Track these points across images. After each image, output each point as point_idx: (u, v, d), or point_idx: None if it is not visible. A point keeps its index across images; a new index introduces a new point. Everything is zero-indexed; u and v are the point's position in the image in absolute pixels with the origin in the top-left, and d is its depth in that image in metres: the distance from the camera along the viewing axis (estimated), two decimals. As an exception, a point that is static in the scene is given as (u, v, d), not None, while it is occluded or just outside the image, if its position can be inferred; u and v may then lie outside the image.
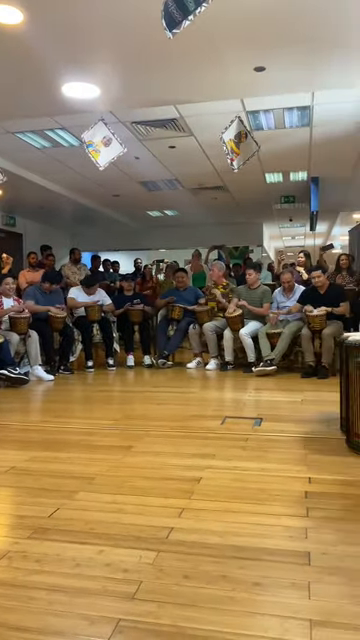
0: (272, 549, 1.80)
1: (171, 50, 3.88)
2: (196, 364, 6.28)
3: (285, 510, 2.12)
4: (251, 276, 6.28)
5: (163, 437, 3.25)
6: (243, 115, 5.66)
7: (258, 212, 11.95)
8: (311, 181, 8.73)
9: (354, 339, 3.03)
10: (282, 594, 1.54)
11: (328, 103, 5.50)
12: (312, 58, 4.15)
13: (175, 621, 1.41)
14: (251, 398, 4.58)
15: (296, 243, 18.18)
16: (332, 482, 2.42)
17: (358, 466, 2.64)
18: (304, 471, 2.57)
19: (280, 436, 3.23)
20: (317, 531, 1.92)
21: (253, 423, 3.56)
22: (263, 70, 4.31)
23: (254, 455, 2.86)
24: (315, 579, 1.61)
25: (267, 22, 3.58)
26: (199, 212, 11.65)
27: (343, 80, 4.61)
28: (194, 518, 2.05)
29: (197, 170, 8.05)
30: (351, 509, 2.12)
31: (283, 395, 4.69)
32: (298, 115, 5.83)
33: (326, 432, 3.31)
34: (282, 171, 8.36)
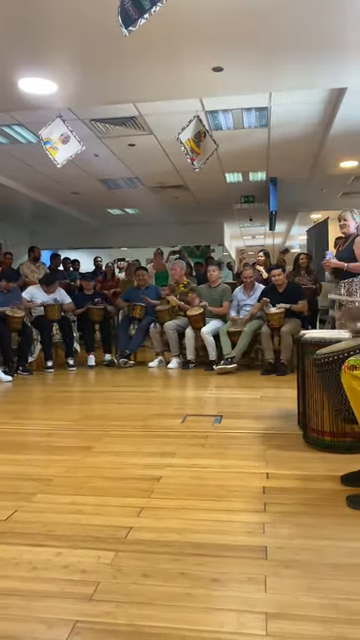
0: (230, 545, 1.82)
1: (129, 48, 3.86)
2: (158, 363, 6.28)
3: (243, 506, 2.15)
4: (215, 273, 6.34)
5: (123, 437, 3.23)
6: (202, 115, 5.69)
7: (219, 211, 12.04)
8: (270, 181, 8.86)
9: (310, 336, 3.10)
10: (239, 589, 1.56)
11: (285, 104, 5.59)
12: (269, 59, 4.20)
13: (132, 620, 1.41)
14: (212, 396, 4.62)
15: (256, 242, 18.41)
16: (289, 477, 2.46)
17: (314, 461, 2.70)
18: (262, 467, 2.61)
19: (239, 433, 3.27)
20: (274, 526, 1.96)
21: (213, 421, 3.59)
22: (221, 70, 4.33)
23: (214, 452, 2.89)
24: (271, 573, 1.64)
25: (225, 22, 3.60)
26: (160, 211, 11.65)
27: (299, 82, 4.69)
28: (153, 517, 2.06)
29: (157, 169, 8.05)
30: (307, 503, 2.17)
31: (243, 392, 4.75)
32: (256, 116, 5.90)
33: (284, 428, 3.37)
34: (242, 171, 8.44)
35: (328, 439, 2.87)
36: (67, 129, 5.40)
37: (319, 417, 2.90)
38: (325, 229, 10.81)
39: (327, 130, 6.28)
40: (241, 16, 3.53)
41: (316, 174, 8.48)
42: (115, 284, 8.61)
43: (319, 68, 4.39)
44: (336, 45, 3.96)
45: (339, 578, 1.59)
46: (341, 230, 4.85)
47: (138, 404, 4.30)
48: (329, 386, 2.30)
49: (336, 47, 3.99)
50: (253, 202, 10.62)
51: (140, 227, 13.20)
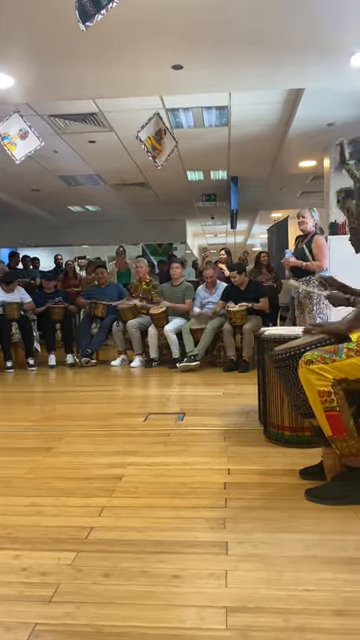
0: (191, 541, 1.83)
1: (88, 44, 3.82)
2: (120, 362, 6.24)
3: (205, 502, 2.16)
4: (178, 269, 6.35)
5: (85, 437, 3.20)
6: (163, 112, 5.68)
7: (181, 209, 12.06)
8: (231, 180, 8.93)
9: (269, 333, 3.15)
10: (200, 584, 1.57)
11: (244, 104, 5.64)
12: (228, 59, 4.23)
13: (92, 620, 1.40)
14: (175, 394, 4.63)
15: (218, 240, 18.55)
16: (250, 472, 2.50)
17: (274, 455, 2.74)
18: (224, 463, 2.64)
19: (201, 430, 3.29)
20: (235, 521, 1.98)
21: (176, 418, 3.60)
22: (181, 68, 4.34)
23: (176, 450, 2.89)
24: (232, 567, 1.65)
25: (184, 20, 3.61)
26: (122, 208, 11.59)
27: (258, 82, 4.74)
28: (115, 516, 2.05)
29: (119, 166, 7.99)
30: (267, 497, 2.20)
31: (206, 389, 4.78)
32: (217, 115, 5.93)
33: (245, 424, 3.41)
34: (203, 169, 8.48)
35: (288, 434, 2.92)
36: (25, 124, 5.30)
37: (279, 412, 2.95)
38: (285, 228, 10.97)
39: (286, 130, 6.38)
40: (200, 14, 3.54)
41: (276, 173, 8.60)
42: (78, 282, 8.51)
43: (278, 69, 4.45)
44: (294, 46, 4.02)
45: (297, 570, 1.63)
46: (299, 227, 4.92)
47: (100, 403, 4.26)
48: (287, 382, 2.34)
49: (294, 48, 4.05)
50: (214, 200, 10.69)
51: (102, 224, 13.09)
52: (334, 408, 2.03)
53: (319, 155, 7.29)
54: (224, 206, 10.97)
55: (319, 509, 2.06)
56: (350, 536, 1.83)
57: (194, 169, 8.44)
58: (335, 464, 2.20)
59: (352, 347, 2.08)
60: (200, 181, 9.19)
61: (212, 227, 15.62)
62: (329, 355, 2.06)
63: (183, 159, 7.65)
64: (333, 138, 6.46)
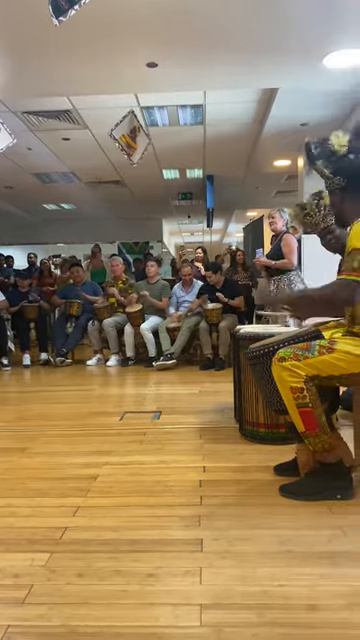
0: (166, 539, 1.83)
1: (62, 40, 3.78)
2: (96, 361, 6.21)
3: (180, 500, 2.16)
4: (153, 267, 6.34)
5: (60, 437, 3.18)
6: (138, 110, 5.66)
7: (157, 208, 12.04)
8: (206, 178, 8.95)
9: (245, 331, 3.16)
10: (174, 582, 1.57)
11: (219, 103, 5.65)
12: (203, 57, 4.23)
13: (66, 621, 1.39)
14: (151, 392, 4.62)
15: (195, 239, 18.59)
16: (225, 469, 2.51)
17: (249, 452, 2.76)
18: (199, 461, 2.64)
19: (178, 428, 3.29)
20: (210, 518, 1.98)
21: (152, 417, 3.59)
22: (155, 66, 4.33)
23: (152, 448, 2.89)
24: (207, 564, 1.66)
25: (158, 18, 3.60)
26: (98, 206, 11.51)
27: (232, 81, 4.76)
28: (89, 516, 2.04)
29: (93, 164, 7.94)
30: (242, 494, 2.21)
31: (182, 388, 4.78)
32: (191, 113, 5.94)
33: (221, 421, 3.42)
34: (178, 168, 8.48)
35: (263, 431, 2.94)
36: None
37: (254, 410, 2.97)
38: (260, 227, 11.04)
39: (260, 129, 6.42)
40: (174, 13, 3.54)
41: (251, 172, 8.65)
42: (53, 281, 8.43)
43: (252, 68, 4.47)
44: (268, 46, 4.05)
45: (271, 565, 1.64)
46: (270, 227, 5.04)
47: (76, 403, 4.23)
48: (261, 379, 2.36)
49: (268, 48, 4.08)
50: (191, 199, 10.71)
51: (77, 222, 12.99)
52: (307, 404, 2.05)
53: (293, 155, 7.36)
54: (200, 205, 10.99)
55: (293, 505, 2.08)
56: (324, 531, 1.86)
57: (170, 167, 8.44)
58: (309, 460, 2.22)
59: (324, 344, 2.10)
60: (176, 179, 9.19)
61: (188, 225, 15.63)
62: (302, 352, 2.08)
63: (158, 157, 7.64)
64: (307, 138, 6.53)
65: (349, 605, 1.43)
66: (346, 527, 1.87)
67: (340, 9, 3.49)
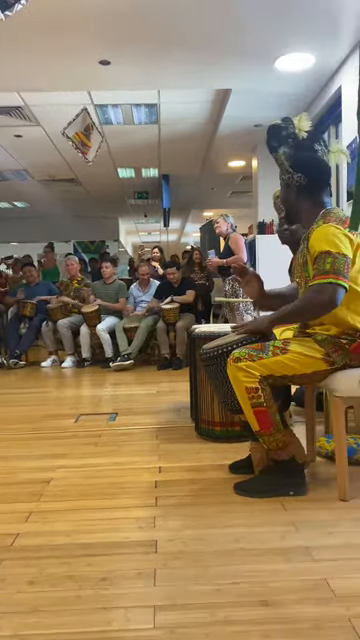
0: (120, 542, 1.81)
1: (12, 35, 3.69)
2: (51, 362, 6.10)
3: (135, 502, 2.15)
4: (108, 269, 6.28)
5: (12, 440, 3.10)
6: (91, 108, 5.60)
7: (113, 207, 11.95)
8: (162, 178, 8.95)
9: (200, 331, 3.17)
10: (128, 585, 1.55)
11: (173, 102, 5.66)
12: (156, 56, 4.22)
13: (16, 630, 1.35)
14: (107, 394, 4.58)
15: (152, 239, 18.54)
16: (180, 469, 2.51)
17: (205, 451, 2.77)
18: (155, 461, 2.63)
19: (134, 429, 3.27)
20: (165, 519, 1.98)
21: (108, 419, 3.56)
22: (108, 64, 4.29)
23: (107, 450, 2.86)
24: (161, 566, 1.65)
25: (111, 16, 3.56)
26: (52, 204, 11.32)
27: (186, 81, 4.78)
28: (42, 521, 1.99)
29: (47, 161, 7.80)
30: (197, 494, 2.22)
31: (139, 388, 4.76)
32: (146, 112, 5.92)
33: (177, 421, 3.42)
34: (134, 166, 8.44)
35: (218, 429, 2.96)
36: None
37: (210, 408, 2.98)
38: (217, 226, 11.18)
39: (215, 129, 6.47)
40: (127, 10, 3.52)
41: (206, 173, 8.71)
42: (5, 282, 8.22)
43: (206, 68, 4.50)
44: (222, 48, 4.08)
45: (225, 564, 1.65)
46: (216, 232, 5.38)
47: (29, 406, 4.14)
48: (215, 379, 2.37)
49: (222, 50, 4.12)
50: (147, 198, 10.67)
51: (31, 221, 12.74)
52: (261, 404, 2.07)
53: (247, 155, 7.44)
54: (157, 204, 10.97)
55: (248, 502, 2.10)
56: (277, 527, 1.88)
57: (125, 166, 8.39)
58: (263, 458, 2.25)
59: (278, 345, 2.13)
60: (131, 178, 9.14)
61: (145, 225, 15.59)
62: (256, 353, 2.10)
63: (113, 156, 7.58)
64: (261, 139, 6.63)
65: (300, 600, 1.45)
66: (298, 523, 1.91)
67: (291, 14, 3.55)
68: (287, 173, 2.22)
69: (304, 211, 2.23)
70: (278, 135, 2.24)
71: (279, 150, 2.22)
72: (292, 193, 2.24)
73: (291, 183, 2.22)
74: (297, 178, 2.19)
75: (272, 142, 2.25)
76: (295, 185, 2.21)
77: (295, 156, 2.21)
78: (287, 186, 2.25)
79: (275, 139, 2.24)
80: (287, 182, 2.24)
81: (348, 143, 4.06)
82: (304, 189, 2.20)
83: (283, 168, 2.24)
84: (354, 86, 4.10)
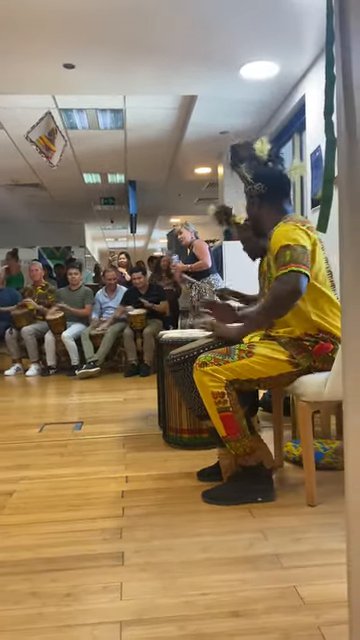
0: (86, 555, 1.76)
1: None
2: (15, 370, 5.97)
3: (101, 513, 2.10)
4: (77, 275, 6.21)
5: (-26, 452, 3.00)
6: (56, 112, 5.53)
7: (79, 212, 11.83)
8: (129, 184, 8.91)
9: (167, 336, 3.14)
10: (93, 600, 1.50)
11: (139, 108, 5.64)
12: (122, 61, 4.20)
13: (-26, 654, 1.29)
14: (73, 402, 4.50)
15: (119, 245, 18.44)
16: (148, 478, 2.46)
17: (173, 459, 2.74)
18: (122, 470, 2.58)
19: (100, 438, 3.21)
20: (131, 529, 1.93)
21: (73, 427, 3.49)
22: (73, 68, 4.24)
23: (72, 460, 2.79)
24: (127, 579, 1.61)
25: (76, 19, 3.52)
26: (16, 210, 11.12)
27: (151, 86, 4.76)
28: (4, 535, 1.92)
29: (10, 165, 7.65)
30: (165, 503, 2.18)
31: (106, 396, 4.69)
32: (111, 117, 5.88)
33: (145, 429, 3.38)
34: (100, 172, 8.38)
35: (186, 437, 2.93)
36: None
37: (178, 416, 2.95)
38: (184, 233, 11.20)
39: (181, 136, 6.47)
40: (92, 14, 3.48)
41: (173, 179, 8.71)
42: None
43: (170, 74, 4.50)
44: (188, 54, 4.09)
45: (193, 574, 1.61)
46: (182, 243, 5.38)
47: (-8, 415, 4.03)
48: (182, 385, 2.34)
49: (188, 56, 4.12)
50: (113, 204, 10.61)
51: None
52: (227, 409, 2.05)
53: (214, 162, 7.49)
54: (123, 210, 10.92)
55: (216, 510, 2.08)
56: (245, 535, 1.86)
57: (91, 171, 8.32)
58: (231, 464, 2.23)
59: (243, 349, 2.12)
60: (97, 184, 9.08)
61: (112, 231, 15.50)
62: (222, 357, 2.09)
63: (79, 161, 7.51)
64: (227, 146, 6.68)
65: (269, 609, 1.43)
66: (267, 530, 1.89)
67: (256, 23, 3.59)
68: (248, 184, 2.27)
69: (267, 220, 2.26)
70: (239, 154, 2.29)
71: (240, 165, 2.27)
72: (255, 203, 2.29)
73: (253, 193, 2.27)
74: (257, 187, 2.24)
75: (235, 160, 2.29)
76: (256, 195, 2.26)
77: (256, 168, 2.26)
78: (250, 197, 2.30)
79: (237, 157, 2.29)
80: (250, 193, 2.28)
81: (312, 151, 4.12)
82: (265, 198, 2.25)
83: (245, 180, 2.28)
84: (317, 95, 4.17)
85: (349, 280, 0.73)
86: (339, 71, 0.70)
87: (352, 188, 0.67)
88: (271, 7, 3.38)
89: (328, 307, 2.14)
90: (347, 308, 0.76)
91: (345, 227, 0.70)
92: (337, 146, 0.71)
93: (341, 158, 0.69)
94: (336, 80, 0.71)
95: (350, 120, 0.67)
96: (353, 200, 0.67)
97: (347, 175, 0.68)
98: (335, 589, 1.51)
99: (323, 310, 2.13)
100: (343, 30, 0.68)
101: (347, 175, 0.68)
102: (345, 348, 0.81)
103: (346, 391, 0.82)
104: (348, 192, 0.68)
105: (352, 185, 0.67)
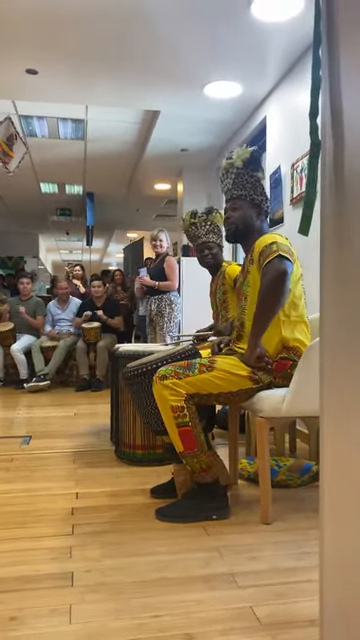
0: (32, 576, 1.66)
1: None
2: None
3: (49, 531, 2.00)
4: (29, 285, 6.06)
5: None
6: (15, 118, 5.42)
7: (33, 222, 11.61)
8: (87, 196, 8.83)
9: (124, 349, 3.08)
10: (41, 624, 1.41)
11: (101, 120, 5.61)
12: (85, 71, 4.16)
13: None
14: (21, 416, 4.33)
15: (74, 257, 18.21)
16: (100, 495, 2.38)
17: (125, 475, 2.66)
18: (72, 487, 2.49)
19: (49, 453, 3.09)
20: (82, 548, 1.85)
21: (21, 442, 3.35)
22: (35, 74, 4.16)
23: (19, 476, 2.67)
24: (77, 600, 1.52)
25: (43, 24, 3.46)
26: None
27: (113, 99, 4.73)
28: None
29: (-35, 171, 7.43)
30: (117, 520, 2.10)
31: (56, 410, 4.56)
32: (72, 127, 5.81)
33: (96, 444, 3.28)
34: (57, 182, 8.26)
35: (140, 453, 2.86)
36: None
37: (131, 431, 2.88)
38: (140, 248, 11.14)
39: (142, 151, 6.47)
40: (58, 21, 3.43)
41: (132, 194, 8.69)
42: None
43: (133, 88, 4.49)
44: (151, 69, 4.09)
45: (147, 595, 1.55)
46: (155, 250, 5.01)
47: None
48: (139, 399, 2.28)
49: (151, 71, 4.12)
50: (70, 215, 10.47)
51: None
52: (186, 423, 2.01)
53: (173, 179, 7.52)
54: (80, 222, 10.79)
55: (170, 528, 2.02)
56: (200, 553, 1.81)
57: (48, 181, 8.19)
58: (186, 480, 2.18)
59: (204, 363, 2.09)
60: (54, 194, 8.94)
61: (67, 243, 15.29)
62: (182, 370, 2.05)
63: (36, 169, 7.38)
64: (187, 163, 6.75)
65: (225, 630, 1.38)
66: (222, 548, 1.85)
67: (221, 42, 3.63)
68: (242, 190, 2.26)
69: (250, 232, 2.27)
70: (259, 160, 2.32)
71: (257, 174, 2.31)
72: (246, 209, 2.28)
73: (255, 202, 2.28)
74: (261, 199, 2.29)
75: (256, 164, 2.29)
76: (256, 204, 2.28)
77: (243, 181, 2.27)
78: (241, 201, 2.28)
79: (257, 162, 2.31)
80: (249, 200, 2.27)
81: (272, 172, 4.19)
82: (259, 210, 2.29)
83: (252, 187, 2.28)
84: (278, 117, 4.27)
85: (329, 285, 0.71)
86: (325, 74, 0.69)
87: (337, 191, 0.66)
88: (236, 28, 3.44)
89: (297, 322, 2.16)
90: (326, 316, 0.74)
91: (327, 230, 0.68)
92: (321, 149, 0.70)
93: (326, 161, 0.68)
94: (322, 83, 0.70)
95: (336, 123, 0.65)
96: (338, 203, 0.66)
97: (332, 178, 0.67)
98: (291, 609, 1.48)
99: (293, 325, 2.15)
100: (330, 33, 0.68)
101: (332, 178, 0.67)
102: (323, 354, 0.79)
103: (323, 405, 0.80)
104: (332, 195, 0.67)
105: (337, 188, 0.66)
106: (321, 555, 0.84)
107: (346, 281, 0.65)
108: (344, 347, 0.70)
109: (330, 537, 0.81)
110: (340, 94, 0.65)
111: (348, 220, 0.63)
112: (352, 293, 0.65)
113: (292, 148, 3.87)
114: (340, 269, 0.68)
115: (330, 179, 0.67)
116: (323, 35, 0.69)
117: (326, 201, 0.69)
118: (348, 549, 0.76)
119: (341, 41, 0.66)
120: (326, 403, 0.78)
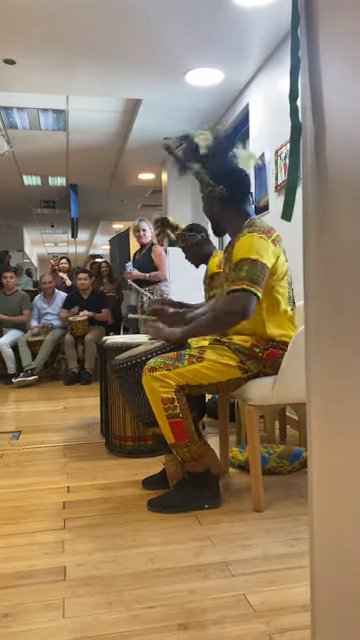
0: (25, 571, 1.65)
1: None
2: None
3: (41, 525, 1.99)
4: (13, 279, 5.99)
5: None
6: (-5, 110, 5.34)
7: (17, 215, 11.48)
8: (70, 187, 8.74)
9: (112, 342, 3.06)
10: (34, 620, 1.40)
11: (83, 110, 5.53)
12: (65, 60, 4.09)
13: None
14: (10, 411, 4.30)
15: (59, 250, 18.06)
16: (91, 488, 2.37)
17: (116, 468, 2.66)
18: (63, 481, 2.48)
19: (39, 447, 3.08)
20: (74, 542, 1.84)
21: (10, 437, 3.33)
22: (13, 64, 4.09)
23: (9, 471, 2.65)
24: (70, 594, 1.52)
25: (20, 13, 3.39)
26: None
27: (94, 88, 4.67)
28: None
29: None
30: (109, 513, 2.10)
31: (45, 405, 4.53)
32: (54, 118, 5.73)
33: (87, 438, 3.27)
34: (40, 174, 8.16)
35: (130, 444, 2.85)
36: None
37: (121, 423, 2.87)
38: (126, 239, 11.06)
39: (125, 140, 6.41)
40: (34, 9, 3.37)
41: (116, 184, 8.61)
42: None
43: (114, 77, 4.43)
44: (132, 58, 4.03)
45: (140, 586, 1.55)
46: (139, 240, 4.96)
47: None
48: (129, 391, 2.27)
49: (128, 59, 4.06)
50: (54, 208, 10.36)
51: None
52: (177, 415, 2.00)
53: (157, 169, 7.46)
54: (64, 214, 10.68)
55: (162, 519, 2.02)
56: (192, 543, 1.81)
57: (31, 173, 8.09)
58: (177, 471, 2.18)
59: (193, 354, 2.08)
60: (38, 186, 8.83)
61: (52, 235, 15.16)
62: (172, 362, 2.04)
63: (19, 162, 7.28)
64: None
65: (219, 619, 1.39)
66: (214, 537, 1.85)
67: (201, 28, 3.59)
68: (208, 186, 2.19)
69: (229, 222, 2.23)
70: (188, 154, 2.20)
71: (192, 167, 2.18)
72: (216, 205, 2.22)
73: (214, 195, 2.19)
74: (219, 190, 2.16)
75: (183, 161, 2.19)
76: (218, 197, 2.18)
77: (214, 168, 2.18)
78: (210, 199, 2.22)
79: (186, 157, 2.20)
80: (210, 195, 2.21)
81: (255, 159, 4.17)
82: (227, 200, 2.18)
83: (204, 182, 2.20)
84: (261, 104, 4.24)
85: (313, 271, 0.70)
86: (304, 54, 0.67)
87: (318, 175, 0.64)
88: (216, 14, 3.40)
89: (281, 318, 2.14)
90: (310, 301, 0.73)
91: (310, 216, 0.67)
92: (302, 132, 0.68)
93: (307, 145, 0.66)
94: (301, 64, 0.68)
95: (316, 105, 0.64)
96: (320, 187, 0.64)
97: (313, 162, 0.65)
98: (284, 595, 1.49)
99: (277, 321, 2.13)
100: (308, 12, 0.66)
101: (313, 162, 0.65)
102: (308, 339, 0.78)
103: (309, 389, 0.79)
104: (313, 179, 0.65)
105: (318, 172, 0.64)
106: (311, 540, 0.84)
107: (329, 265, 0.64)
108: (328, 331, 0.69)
109: (319, 523, 0.81)
110: (320, 75, 0.64)
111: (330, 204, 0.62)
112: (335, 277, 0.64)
113: (275, 135, 3.85)
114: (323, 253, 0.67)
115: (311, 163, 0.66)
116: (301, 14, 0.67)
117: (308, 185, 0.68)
118: (337, 534, 0.76)
119: (320, 19, 0.64)
120: (312, 387, 0.77)
